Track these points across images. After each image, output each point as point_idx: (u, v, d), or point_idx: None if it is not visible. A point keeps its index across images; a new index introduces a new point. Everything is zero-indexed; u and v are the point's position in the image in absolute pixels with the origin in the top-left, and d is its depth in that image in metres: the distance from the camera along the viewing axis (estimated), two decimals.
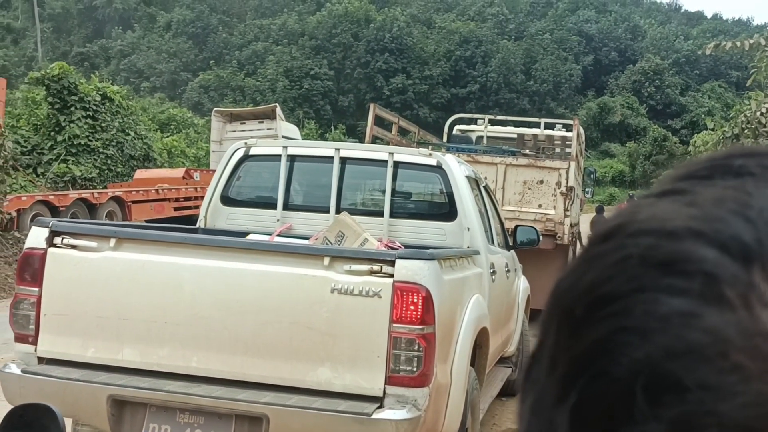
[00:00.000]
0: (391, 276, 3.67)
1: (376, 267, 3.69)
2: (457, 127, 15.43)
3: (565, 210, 10.33)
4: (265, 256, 3.87)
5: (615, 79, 73.79)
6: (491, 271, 5.42)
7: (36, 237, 4.05)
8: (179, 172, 22.46)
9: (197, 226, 5.78)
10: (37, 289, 3.99)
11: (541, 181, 10.33)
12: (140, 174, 22.65)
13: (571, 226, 10.75)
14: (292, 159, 5.71)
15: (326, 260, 3.74)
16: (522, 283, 7.43)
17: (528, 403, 0.41)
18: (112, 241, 3.97)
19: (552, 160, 10.84)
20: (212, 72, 64.38)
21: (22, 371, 3.92)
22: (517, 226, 7.26)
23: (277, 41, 70.66)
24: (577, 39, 75.90)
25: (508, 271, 6.41)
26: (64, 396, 3.69)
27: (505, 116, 17.35)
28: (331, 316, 3.70)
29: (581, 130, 12.53)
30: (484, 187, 6.40)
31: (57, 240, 4.01)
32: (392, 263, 3.68)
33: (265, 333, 3.77)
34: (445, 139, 14.40)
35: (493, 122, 15.36)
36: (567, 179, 10.29)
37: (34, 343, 4.00)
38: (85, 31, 73.78)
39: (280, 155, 5.65)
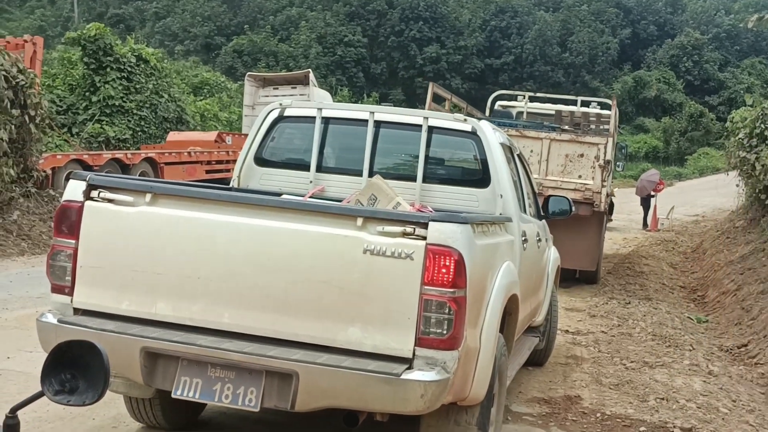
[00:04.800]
0: (424, 238, 3.64)
1: (409, 229, 3.67)
2: (498, 102, 16.15)
3: (603, 181, 11.54)
4: (299, 215, 3.85)
5: (652, 53, 72.64)
6: (523, 239, 5.39)
7: (73, 190, 4.05)
8: (211, 135, 22.55)
9: (230, 185, 5.79)
10: (73, 241, 4.01)
11: (582, 155, 11.59)
12: (173, 136, 22.79)
13: (607, 195, 11.95)
14: (327, 121, 5.68)
15: (359, 221, 3.73)
16: (552, 254, 7.41)
17: None
18: (148, 196, 3.98)
19: (592, 136, 11.93)
20: (246, 36, 64.31)
21: (58, 321, 3.96)
22: (549, 196, 7.30)
23: (312, 7, 70.34)
24: (615, 11, 74.63)
25: (539, 240, 6.39)
26: None
27: (544, 93, 18.10)
28: (362, 276, 3.69)
29: (616, 109, 13.52)
30: (518, 155, 6.35)
31: (94, 194, 4.02)
32: (425, 226, 3.66)
33: (297, 291, 3.76)
34: (487, 113, 15.02)
35: (532, 99, 16.20)
36: (605, 153, 11.52)
37: (70, 294, 4.03)
38: None
39: (314, 117, 5.62)
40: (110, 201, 4.01)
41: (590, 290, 12.57)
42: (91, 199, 4.02)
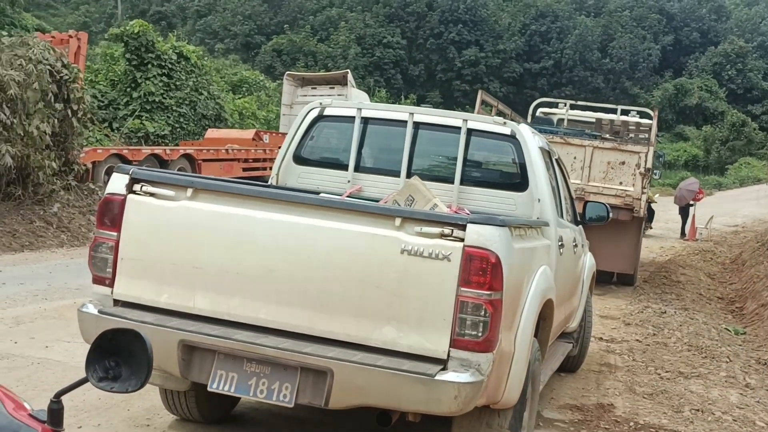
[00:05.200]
0: (462, 240, 3.64)
1: (446, 230, 3.67)
2: (540, 109, 16.61)
3: (643, 188, 12.07)
4: (338, 214, 3.87)
5: (695, 60, 71.71)
6: (559, 244, 5.35)
7: (116, 183, 4.11)
8: (249, 133, 22.70)
9: (269, 183, 5.81)
10: (115, 234, 4.07)
11: (623, 162, 12.10)
12: (211, 133, 22.99)
13: (646, 201, 12.55)
14: (366, 121, 5.70)
15: (397, 221, 3.73)
16: (588, 260, 7.36)
17: None
18: (189, 191, 4.02)
19: (633, 145, 12.45)
20: (285, 36, 64.67)
21: (98, 312, 4.01)
22: (586, 202, 7.26)
23: (352, 8, 70.53)
24: (658, 17, 73.76)
25: (576, 246, 6.35)
26: None
27: (584, 101, 18.36)
28: (399, 276, 3.69)
29: (657, 119, 13.86)
30: (556, 160, 6.31)
31: (136, 187, 4.07)
32: (463, 227, 3.65)
33: (334, 289, 3.78)
34: (529, 119, 15.42)
35: (573, 106, 16.49)
36: (646, 162, 12.00)
37: (111, 285, 4.09)
38: None
39: (353, 117, 5.65)
40: (152, 195, 4.06)
41: (625, 298, 12.45)
42: (134, 192, 4.07)
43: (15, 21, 32.68)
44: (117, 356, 1.93)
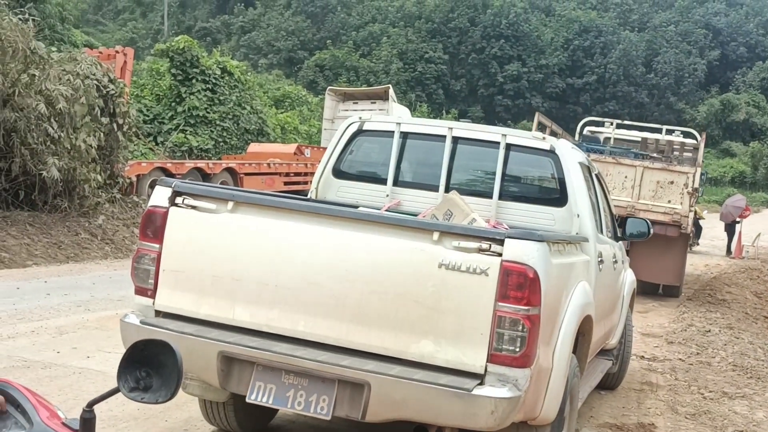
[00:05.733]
0: (500, 255, 3.63)
1: (484, 245, 3.65)
2: (587, 128, 17.26)
3: (690, 206, 12.75)
4: (377, 228, 3.88)
5: (742, 75, 70.66)
6: (599, 260, 5.29)
7: (159, 196, 4.17)
8: (291, 147, 22.88)
9: (308, 196, 5.83)
10: (158, 246, 4.13)
11: (672, 182, 12.76)
12: (253, 147, 23.22)
13: (695, 215, 13.61)
14: (405, 136, 5.73)
15: (436, 235, 3.73)
16: (628, 276, 7.26)
17: None
18: (230, 204, 4.06)
19: (682, 165, 13.15)
20: (328, 51, 65.16)
21: (140, 322, 4.07)
22: (627, 217, 7.23)
23: (394, 23, 70.84)
24: (704, 32, 72.88)
25: (615, 262, 6.27)
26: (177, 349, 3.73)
27: (629, 120, 19.51)
28: (437, 290, 3.68)
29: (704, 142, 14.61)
30: (596, 175, 6.26)
31: (179, 200, 4.13)
32: (501, 242, 3.64)
33: (372, 302, 3.79)
34: (577, 138, 16.06)
35: (619, 125, 17.09)
36: (693, 181, 12.66)
37: (153, 296, 4.15)
38: (209, 6, 75.85)
39: (393, 131, 5.68)
40: (194, 207, 4.11)
41: (668, 316, 12.25)
42: (176, 205, 4.14)
43: (65, 37, 33.42)
44: (148, 367, 1.95)
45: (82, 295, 9.19)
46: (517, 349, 3.61)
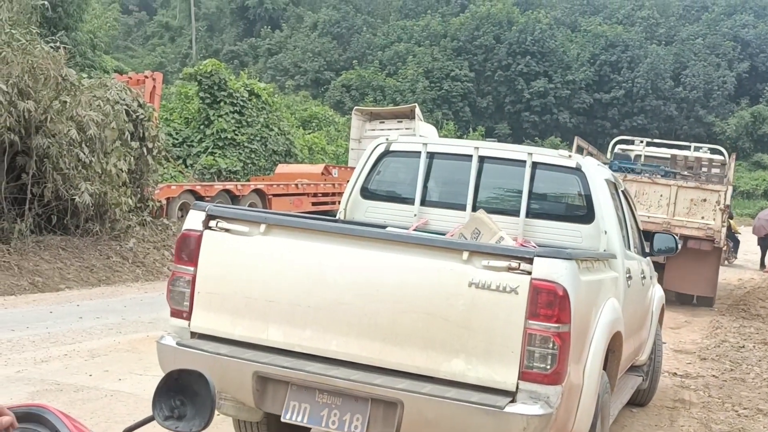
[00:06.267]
0: (529, 273, 3.68)
1: (514, 264, 3.70)
2: (618, 146, 18.14)
3: (723, 222, 13.50)
4: (406, 248, 3.95)
5: None
6: (627, 276, 5.32)
7: (194, 219, 4.27)
8: (318, 168, 22.99)
9: (337, 217, 5.93)
10: (192, 268, 4.22)
11: (704, 200, 13.50)
12: (281, 168, 23.37)
13: (729, 228, 14.33)
14: (431, 156, 5.80)
15: (465, 255, 3.78)
16: (657, 291, 7.21)
17: None
18: (263, 227, 4.14)
19: (714, 184, 14.00)
20: (354, 71, 65.46)
21: (177, 344, 4.18)
22: (655, 233, 7.26)
23: (419, 42, 71.02)
24: (732, 44, 72.19)
25: (644, 278, 6.28)
26: (213, 369, 3.81)
27: (658, 132, 20.84)
28: (467, 309, 3.74)
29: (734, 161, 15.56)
30: (622, 191, 6.24)
31: (212, 223, 4.22)
32: (530, 261, 3.69)
33: (403, 322, 3.84)
34: (609, 156, 16.99)
35: (649, 144, 18.19)
36: (725, 199, 13.44)
37: (188, 318, 4.24)
38: (236, 29, 76.55)
39: (419, 152, 5.75)
40: (227, 230, 4.20)
41: (701, 331, 12.10)
42: (210, 228, 4.23)
43: (95, 64, 33.98)
44: (183, 395, 1.98)
45: (113, 318, 9.29)
46: (548, 367, 3.64)
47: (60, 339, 8.03)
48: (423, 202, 5.76)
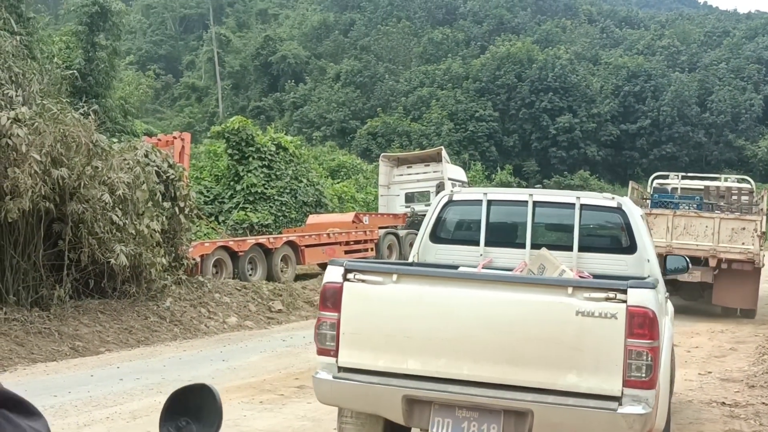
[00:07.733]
0: (624, 301, 4.49)
1: (611, 294, 4.53)
2: (656, 180, 20.33)
3: (761, 246, 15.86)
4: (519, 286, 4.86)
5: None
6: (666, 296, 6.34)
7: (333, 273, 5.08)
8: (349, 216, 23.07)
9: (410, 261, 6.81)
10: (336, 314, 5.02)
11: (743, 228, 15.90)
12: (312, 219, 23.48)
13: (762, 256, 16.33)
14: (489, 203, 6.64)
15: (570, 289, 4.61)
16: (669, 307, 7.61)
17: None
18: (394, 276, 4.96)
19: (750, 214, 16.46)
20: (379, 119, 65.92)
21: (333, 377, 5.00)
22: (667, 255, 8.58)
23: (442, 86, 71.49)
24: (756, 67, 71.81)
25: (667, 297, 6.88)
26: (367, 396, 4.91)
27: (693, 173, 23.50)
28: (576, 333, 4.57)
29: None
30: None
31: (350, 276, 5.03)
32: (624, 291, 4.51)
33: (523, 347, 4.67)
34: (650, 190, 19.56)
35: (683, 177, 20.59)
36: (761, 226, 15.81)
37: (335, 355, 5.04)
38: (261, 85, 77.62)
39: (480, 200, 6.64)
40: (363, 281, 5.01)
41: (747, 359, 11.83)
42: (348, 280, 5.03)
43: (126, 128, 34.66)
44: (187, 414, 1.98)
45: (153, 378, 9.30)
46: (644, 375, 4.47)
47: (102, 402, 8.05)
48: (487, 243, 6.61)
